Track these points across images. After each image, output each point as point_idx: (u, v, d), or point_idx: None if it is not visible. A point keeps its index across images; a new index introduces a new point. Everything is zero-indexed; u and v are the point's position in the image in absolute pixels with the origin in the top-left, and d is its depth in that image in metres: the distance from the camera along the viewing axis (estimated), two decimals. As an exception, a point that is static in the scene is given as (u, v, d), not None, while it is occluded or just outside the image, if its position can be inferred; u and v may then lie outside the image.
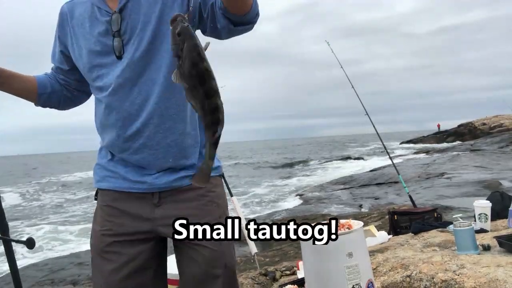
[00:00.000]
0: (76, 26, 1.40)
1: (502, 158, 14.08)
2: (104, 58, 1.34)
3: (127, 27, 1.32)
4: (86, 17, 1.38)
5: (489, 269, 2.14)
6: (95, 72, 1.37)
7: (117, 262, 1.32)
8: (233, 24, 1.25)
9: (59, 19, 1.46)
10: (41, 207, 16.80)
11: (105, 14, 1.34)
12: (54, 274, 6.09)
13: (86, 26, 1.37)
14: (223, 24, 1.25)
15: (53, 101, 1.51)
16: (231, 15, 1.22)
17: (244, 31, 1.29)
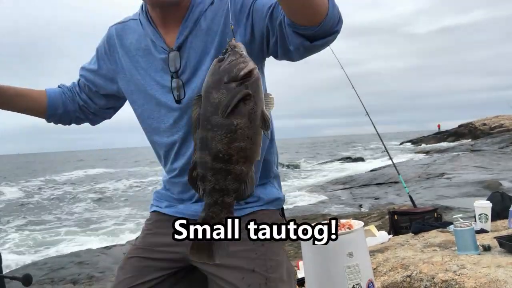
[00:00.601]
0: (127, 56, 1.30)
1: (502, 159, 14.07)
2: (162, 100, 1.24)
3: (186, 67, 1.20)
4: (139, 49, 1.27)
5: (490, 270, 2.14)
6: (149, 113, 1.29)
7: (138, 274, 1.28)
8: (309, 40, 1.03)
9: (106, 41, 1.35)
10: (42, 204, 16.80)
11: (161, 51, 1.22)
12: (54, 273, 6.09)
13: (140, 61, 1.27)
14: (296, 44, 1.05)
15: (64, 120, 1.43)
16: (302, 29, 1.00)
17: (324, 46, 1.06)
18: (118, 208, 14.63)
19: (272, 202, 1.31)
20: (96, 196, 18.58)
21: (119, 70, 1.32)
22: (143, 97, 1.28)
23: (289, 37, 1.05)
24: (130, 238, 8.80)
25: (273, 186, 1.34)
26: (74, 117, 1.42)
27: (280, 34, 1.08)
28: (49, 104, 1.36)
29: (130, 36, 1.29)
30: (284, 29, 1.05)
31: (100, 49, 1.36)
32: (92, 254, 6.96)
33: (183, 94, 1.20)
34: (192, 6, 1.20)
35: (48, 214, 14.36)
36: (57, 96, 1.38)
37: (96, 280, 5.77)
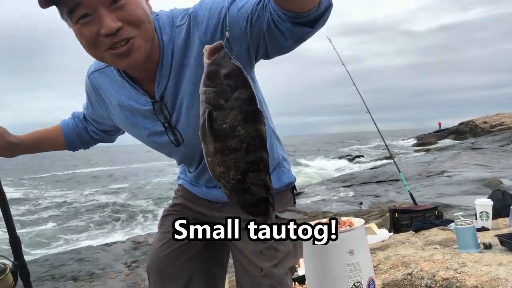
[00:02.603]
0: (115, 109, 1.32)
1: (503, 157, 14.06)
2: (163, 142, 1.29)
3: (174, 112, 1.22)
4: (122, 104, 1.28)
5: (491, 268, 2.14)
6: (155, 148, 1.38)
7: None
8: (310, 26, 1.00)
9: (92, 89, 1.37)
10: (45, 202, 16.83)
11: (145, 103, 1.23)
12: (54, 270, 6.10)
13: (128, 115, 1.29)
14: (299, 35, 1.02)
15: (84, 147, 1.59)
16: (305, 15, 0.97)
17: (323, 25, 1.05)
18: (118, 208, 14.65)
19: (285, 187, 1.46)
20: (95, 194, 18.60)
21: (113, 118, 1.38)
22: (145, 141, 1.35)
23: (287, 33, 1.01)
24: (130, 236, 8.81)
25: (282, 170, 1.47)
26: (91, 142, 1.57)
27: (271, 34, 1.04)
28: (66, 141, 1.52)
29: (110, 87, 1.29)
30: (276, 28, 1.01)
31: (91, 96, 1.40)
32: (92, 251, 6.97)
33: (181, 139, 1.25)
34: (162, 50, 1.16)
35: (48, 213, 14.38)
36: (71, 132, 1.52)
37: (96, 277, 5.78)
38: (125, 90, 1.25)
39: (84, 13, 1.01)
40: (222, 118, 0.70)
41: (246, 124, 0.70)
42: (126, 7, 1.03)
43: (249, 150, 0.70)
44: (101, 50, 1.07)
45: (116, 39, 1.03)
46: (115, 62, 1.10)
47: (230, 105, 0.70)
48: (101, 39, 1.03)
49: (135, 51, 1.07)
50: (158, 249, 1.48)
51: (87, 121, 1.51)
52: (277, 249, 1.38)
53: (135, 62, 1.08)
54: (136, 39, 1.06)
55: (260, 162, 0.71)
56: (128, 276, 5.62)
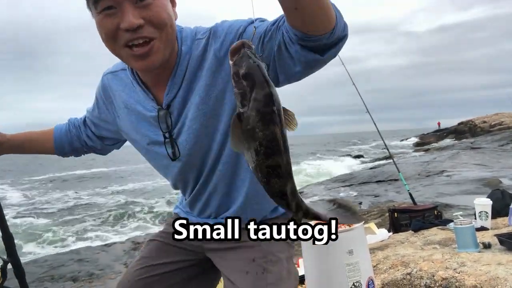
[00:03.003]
0: (122, 112, 1.31)
1: (502, 156, 14.07)
2: (162, 153, 1.26)
3: (177, 123, 1.21)
4: (130, 107, 1.28)
5: (490, 267, 2.14)
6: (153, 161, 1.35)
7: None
8: (320, 53, 0.96)
9: (102, 91, 1.37)
10: (45, 202, 16.81)
11: (151, 109, 1.23)
12: (54, 271, 6.10)
13: (133, 120, 1.29)
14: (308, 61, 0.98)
15: (74, 155, 1.55)
16: (315, 39, 0.93)
17: (335, 55, 1.01)
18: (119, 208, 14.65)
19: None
20: (96, 194, 18.59)
21: (118, 122, 1.36)
22: (144, 150, 1.33)
23: (295, 56, 0.98)
24: (130, 236, 8.81)
25: None
26: (82, 152, 1.54)
27: (280, 57, 1.01)
28: (56, 146, 1.49)
29: (121, 90, 1.29)
30: (286, 51, 0.99)
31: (99, 98, 1.40)
32: (92, 251, 6.97)
33: (178, 153, 1.22)
34: (178, 59, 1.17)
35: (48, 213, 14.37)
36: (63, 137, 1.50)
37: (96, 277, 5.78)
38: (135, 93, 1.25)
39: (109, 5, 1.02)
40: (245, 120, 0.71)
41: (264, 126, 0.70)
42: (151, 7, 1.03)
43: (267, 153, 0.70)
44: (118, 44, 1.06)
45: (135, 35, 1.03)
46: (130, 61, 1.10)
47: (250, 107, 0.71)
48: (120, 33, 1.04)
49: (153, 54, 1.07)
50: (133, 273, 1.36)
51: (85, 125, 1.49)
52: (267, 269, 1.22)
53: (152, 65, 1.08)
54: (156, 41, 1.06)
55: (277, 167, 0.71)
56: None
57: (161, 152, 1.25)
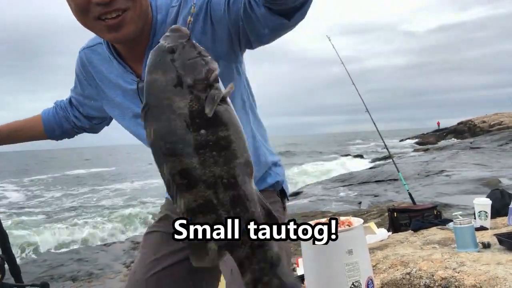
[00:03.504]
0: (103, 85, 1.28)
1: (501, 156, 14.08)
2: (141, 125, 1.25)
3: None
4: (110, 81, 1.24)
5: (489, 267, 2.14)
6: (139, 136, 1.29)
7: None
8: (287, 18, 0.94)
9: (81, 66, 1.33)
10: (45, 202, 16.81)
11: (131, 82, 1.19)
12: (53, 270, 6.10)
13: (114, 94, 1.25)
14: (275, 24, 0.97)
15: (66, 137, 1.51)
16: (275, 2, 0.91)
17: (302, 18, 0.98)
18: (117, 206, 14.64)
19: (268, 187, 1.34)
20: (95, 194, 18.59)
21: (101, 95, 1.32)
22: (129, 125, 1.28)
23: (262, 19, 0.96)
24: (130, 236, 8.81)
25: (269, 173, 1.35)
26: (73, 132, 1.49)
27: (248, 19, 1.00)
28: (46, 129, 1.45)
29: (99, 65, 1.26)
30: (253, 12, 0.97)
31: (79, 75, 1.35)
32: (91, 251, 6.97)
33: None
34: (154, 30, 1.13)
35: (47, 213, 14.36)
36: (51, 120, 1.46)
37: (95, 277, 5.78)
38: (113, 68, 1.21)
39: None
40: None
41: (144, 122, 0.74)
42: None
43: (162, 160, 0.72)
44: (90, 18, 1.02)
45: (108, 9, 0.99)
46: (103, 34, 1.06)
47: None
48: (92, 7, 0.99)
49: (126, 25, 1.02)
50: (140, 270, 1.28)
51: (72, 106, 1.45)
52: None
53: (125, 36, 1.04)
54: (129, 12, 1.01)
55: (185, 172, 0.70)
56: (127, 276, 5.63)
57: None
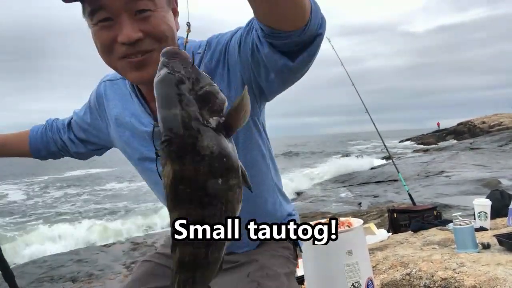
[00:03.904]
0: (115, 123, 1.24)
1: (501, 157, 14.08)
2: (149, 170, 1.20)
3: None
4: (124, 120, 1.20)
5: (489, 268, 2.14)
6: (142, 175, 1.27)
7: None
8: (291, 59, 0.88)
9: (96, 98, 1.30)
10: (44, 202, 16.80)
11: (147, 124, 1.15)
12: (53, 271, 6.10)
13: (126, 134, 1.22)
14: (279, 66, 0.90)
15: (52, 158, 1.48)
16: (284, 36, 0.83)
17: (310, 60, 0.91)
18: (116, 206, 14.64)
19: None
20: (95, 195, 18.59)
21: (110, 131, 1.29)
22: (135, 163, 1.26)
23: (266, 60, 0.91)
24: (129, 237, 8.81)
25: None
26: (59, 155, 1.46)
27: (255, 62, 0.95)
28: (31, 149, 1.42)
29: (117, 100, 1.23)
30: (259, 52, 0.91)
31: (93, 105, 1.33)
32: (91, 252, 6.97)
33: None
34: None
35: (47, 212, 14.36)
36: (38, 140, 1.42)
37: (95, 278, 5.78)
38: (132, 105, 1.18)
39: (105, 17, 0.96)
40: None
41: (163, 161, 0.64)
42: (151, 19, 0.97)
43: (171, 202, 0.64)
44: (114, 57, 1.01)
45: (133, 50, 0.97)
46: (126, 72, 1.03)
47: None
48: (117, 46, 0.98)
49: (149, 65, 0.99)
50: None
51: (70, 128, 1.41)
52: (261, 284, 1.11)
53: (147, 77, 1.00)
54: (154, 53, 0.99)
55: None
56: (127, 277, 5.62)
57: (152, 169, 1.18)
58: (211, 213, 0.59)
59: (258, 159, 1.16)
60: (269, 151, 1.22)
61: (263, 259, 1.18)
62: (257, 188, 1.15)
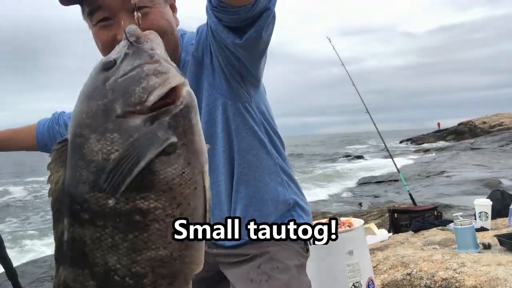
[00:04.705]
0: None
1: (502, 157, 14.07)
2: None
3: None
4: None
5: (490, 268, 2.14)
6: None
7: None
8: (239, 36, 0.89)
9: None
10: (44, 201, 16.80)
11: None
12: (53, 271, 6.09)
13: None
14: (227, 43, 0.93)
15: None
16: (232, 12, 0.85)
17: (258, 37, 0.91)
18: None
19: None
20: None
21: None
22: None
23: (221, 39, 0.94)
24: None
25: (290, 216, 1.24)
26: None
27: (216, 42, 0.97)
28: (38, 143, 1.43)
29: None
30: (217, 31, 0.93)
31: None
32: (92, 252, 6.97)
33: None
34: (179, 67, 1.08)
35: (47, 212, 14.36)
36: (45, 133, 1.43)
37: (96, 278, 5.79)
38: None
39: (104, 16, 0.98)
40: None
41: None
42: (149, 16, 0.98)
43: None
44: None
45: None
46: None
47: None
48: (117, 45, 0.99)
49: None
50: None
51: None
52: (272, 276, 1.12)
53: None
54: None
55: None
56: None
57: None
58: (94, 236, 0.48)
59: (255, 144, 1.16)
60: (268, 135, 1.21)
61: (274, 251, 1.17)
62: (255, 172, 1.16)
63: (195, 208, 0.50)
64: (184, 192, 0.48)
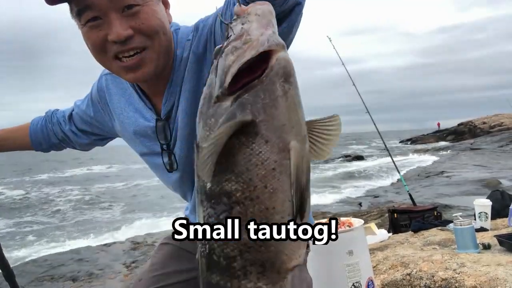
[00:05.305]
0: (117, 117, 1.23)
1: (502, 157, 14.08)
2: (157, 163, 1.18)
3: (177, 135, 1.12)
4: (127, 113, 1.18)
5: (489, 268, 2.14)
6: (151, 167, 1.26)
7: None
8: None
9: (97, 91, 1.28)
10: (44, 201, 16.81)
11: (149, 119, 1.14)
12: (53, 270, 6.10)
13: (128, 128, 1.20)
14: None
15: (52, 150, 1.46)
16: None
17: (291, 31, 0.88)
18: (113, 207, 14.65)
19: None
20: (93, 194, 18.59)
21: (114, 124, 1.27)
22: (141, 156, 1.26)
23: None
24: (130, 236, 8.80)
25: None
26: (61, 146, 1.44)
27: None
28: (32, 141, 1.41)
29: (120, 95, 1.20)
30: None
31: (94, 99, 1.31)
32: (92, 251, 6.96)
33: (176, 165, 1.14)
34: (174, 65, 1.07)
35: (48, 212, 14.37)
36: (38, 133, 1.41)
37: (95, 277, 5.78)
38: (133, 101, 1.16)
39: (93, 16, 0.93)
40: None
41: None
42: (140, 15, 0.94)
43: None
44: (108, 57, 0.99)
45: (124, 47, 0.95)
46: (121, 74, 1.02)
47: None
48: (109, 45, 0.96)
49: (145, 64, 0.98)
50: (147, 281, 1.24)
51: (71, 121, 1.38)
52: None
53: (143, 77, 0.99)
54: (147, 51, 0.97)
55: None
56: (127, 276, 5.62)
57: (158, 162, 1.18)
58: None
59: None
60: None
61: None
62: None
63: (273, 191, 0.50)
64: (259, 173, 0.48)
